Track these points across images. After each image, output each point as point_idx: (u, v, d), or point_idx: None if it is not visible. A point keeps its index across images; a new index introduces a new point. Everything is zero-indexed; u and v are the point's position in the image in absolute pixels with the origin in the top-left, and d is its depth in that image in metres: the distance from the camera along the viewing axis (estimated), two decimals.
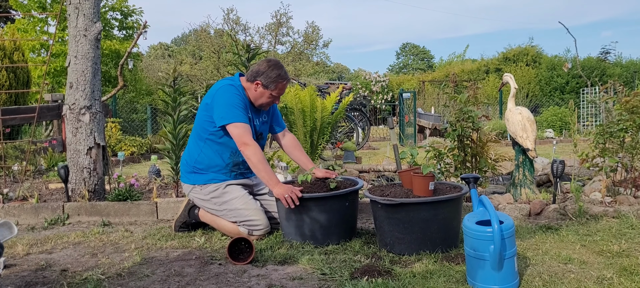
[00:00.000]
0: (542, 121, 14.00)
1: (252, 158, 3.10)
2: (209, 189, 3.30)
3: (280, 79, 3.21)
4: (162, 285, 2.46)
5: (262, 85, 3.21)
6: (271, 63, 3.24)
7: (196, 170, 3.33)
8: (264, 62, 3.27)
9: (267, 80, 3.20)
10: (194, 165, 3.34)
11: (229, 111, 3.14)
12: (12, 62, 9.48)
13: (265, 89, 3.22)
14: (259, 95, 3.25)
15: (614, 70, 19.61)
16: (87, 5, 4.23)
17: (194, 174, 3.34)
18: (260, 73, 3.21)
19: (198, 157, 3.32)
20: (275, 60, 3.30)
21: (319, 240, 3.03)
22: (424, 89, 20.58)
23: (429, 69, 39.57)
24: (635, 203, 3.60)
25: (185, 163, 3.41)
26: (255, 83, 3.22)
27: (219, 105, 3.17)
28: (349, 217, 3.16)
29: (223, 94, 3.19)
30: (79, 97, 4.22)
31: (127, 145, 9.29)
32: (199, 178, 3.32)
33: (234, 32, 21.07)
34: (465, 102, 4.10)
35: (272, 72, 3.20)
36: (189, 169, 3.37)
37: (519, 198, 3.93)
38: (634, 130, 3.94)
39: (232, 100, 3.16)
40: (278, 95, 3.27)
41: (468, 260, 2.31)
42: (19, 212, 4.00)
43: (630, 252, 2.69)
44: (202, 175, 3.31)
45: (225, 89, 3.20)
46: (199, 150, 3.32)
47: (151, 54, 30.91)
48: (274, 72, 3.20)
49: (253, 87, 3.24)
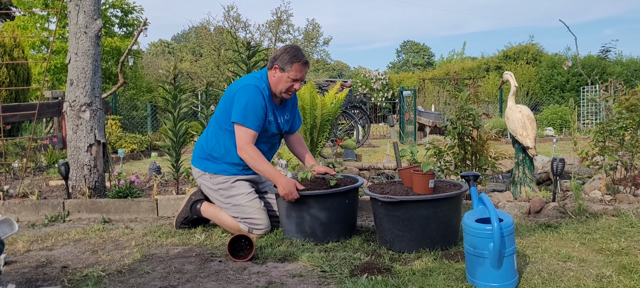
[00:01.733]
0: (543, 119, 14.01)
1: (249, 161, 3.16)
2: (218, 180, 3.31)
3: (295, 59, 3.19)
4: (163, 282, 2.46)
5: (279, 69, 3.20)
6: (287, 47, 3.26)
7: (210, 158, 3.33)
8: (281, 47, 3.30)
9: (283, 62, 3.19)
10: (210, 152, 3.33)
11: (243, 112, 3.15)
12: (12, 59, 9.48)
13: (283, 72, 3.20)
14: (278, 80, 3.23)
15: (615, 68, 19.61)
16: (87, 3, 4.23)
17: (207, 161, 3.35)
18: (277, 57, 3.22)
19: (215, 146, 3.32)
20: (293, 45, 3.34)
21: (319, 238, 3.04)
22: (425, 87, 20.58)
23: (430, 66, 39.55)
24: (634, 202, 3.61)
25: (201, 148, 3.40)
26: (273, 68, 3.23)
27: (238, 103, 3.18)
28: (349, 214, 3.16)
29: (246, 94, 3.19)
30: (79, 94, 4.23)
31: (128, 142, 9.30)
32: (212, 166, 3.32)
33: (235, 30, 21.06)
34: (466, 100, 4.10)
35: (287, 54, 3.20)
36: (204, 155, 3.37)
37: (519, 196, 3.93)
38: (634, 129, 3.94)
39: (251, 103, 3.16)
40: (297, 78, 3.22)
41: (468, 257, 2.31)
42: (19, 208, 4.00)
43: (629, 250, 2.70)
44: (215, 164, 3.31)
45: (249, 89, 3.20)
46: (216, 139, 3.32)
47: (151, 51, 30.91)
48: (289, 54, 3.20)
49: (272, 73, 3.25)
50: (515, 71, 19.70)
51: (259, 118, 3.18)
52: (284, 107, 3.41)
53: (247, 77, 3.33)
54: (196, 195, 3.49)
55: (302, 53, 3.27)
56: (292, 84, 3.23)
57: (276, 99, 3.34)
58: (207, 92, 4.60)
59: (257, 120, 3.17)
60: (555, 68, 19.73)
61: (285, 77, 3.21)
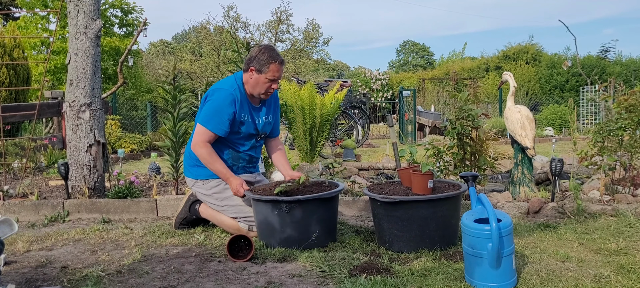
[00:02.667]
0: (542, 119, 14.01)
1: (202, 159, 3.21)
2: (211, 184, 3.31)
3: (271, 60, 3.17)
4: (162, 282, 2.47)
5: (256, 71, 3.19)
6: (262, 47, 3.23)
7: (198, 163, 3.33)
8: (255, 48, 3.27)
9: (259, 64, 3.17)
10: (197, 159, 3.34)
11: (207, 114, 3.19)
12: (12, 59, 9.48)
13: (260, 74, 3.19)
14: (255, 82, 3.22)
15: (614, 68, 19.60)
16: (87, 3, 4.23)
17: (197, 168, 3.35)
18: (252, 59, 3.20)
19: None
20: (267, 44, 3.29)
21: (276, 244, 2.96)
22: (424, 87, 20.59)
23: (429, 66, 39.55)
24: (633, 202, 3.62)
25: (188, 156, 3.41)
26: (250, 70, 3.21)
27: (207, 105, 3.22)
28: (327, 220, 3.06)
29: (212, 96, 3.23)
30: (79, 95, 4.23)
31: (127, 142, 9.30)
32: (201, 172, 3.33)
33: (234, 30, 21.07)
34: (465, 100, 4.11)
35: (263, 55, 3.18)
36: (192, 163, 3.38)
37: (518, 196, 3.94)
38: (632, 129, 3.94)
39: (216, 106, 3.19)
40: (274, 79, 3.21)
41: (466, 257, 2.32)
42: (19, 209, 4.01)
43: (628, 250, 2.70)
44: (204, 169, 3.31)
45: (217, 94, 3.22)
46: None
47: (151, 51, 30.91)
48: (265, 55, 3.18)
49: (248, 75, 3.23)
50: (514, 71, 19.69)
51: (222, 122, 3.19)
52: (262, 107, 3.39)
53: (221, 82, 3.33)
54: (195, 195, 3.50)
55: (278, 52, 3.26)
56: (270, 85, 3.22)
57: (254, 100, 3.33)
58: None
59: (220, 124, 3.19)
60: (555, 68, 19.73)
61: (263, 79, 3.20)
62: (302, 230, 2.91)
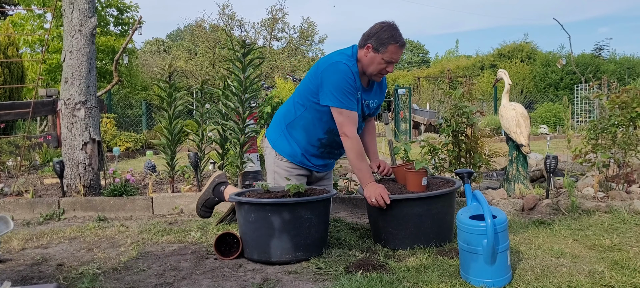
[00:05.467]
0: (537, 117, 14.07)
1: (349, 153, 2.91)
2: (281, 164, 3.13)
3: (392, 40, 2.88)
4: (158, 279, 2.47)
5: (373, 49, 2.90)
6: (384, 24, 2.93)
7: (286, 134, 3.12)
8: (377, 23, 2.96)
9: (378, 42, 2.89)
10: (287, 126, 3.13)
11: (336, 95, 2.87)
12: (7, 57, 9.44)
13: (376, 53, 2.90)
14: (370, 61, 2.92)
15: (608, 66, 19.70)
16: (82, 1, 4.22)
17: (282, 137, 3.14)
18: (372, 35, 2.92)
19: (294, 120, 3.10)
20: (389, 23, 2.96)
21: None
22: (419, 85, 20.63)
23: (424, 64, 39.62)
24: (627, 198, 3.64)
25: (279, 120, 3.19)
26: (366, 47, 2.92)
27: (327, 84, 2.89)
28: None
29: (333, 73, 2.89)
30: (74, 93, 4.22)
31: (123, 140, 9.28)
32: (284, 145, 3.12)
33: (230, 28, 21.04)
34: (460, 97, 4.13)
35: (384, 32, 2.89)
36: (282, 127, 3.15)
37: (513, 193, 3.96)
38: (626, 126, 3.97)
39: (341, 84, 2.86)
40: (391, 61, 2.91)
41: (461, 254, 2.33)
42: (14, 207, 4.00)
43: (621, 246, 2.73)
44: (287, 144, 3.11)
45: (336, 68, 2.89)
46: (296, 114, 3.09)
47: (146, 49, 30.83)
48: (386, 33, 2.89)
49: (364, 52, 2.93)
50: (509, 69, 19.76)
51: (353, 95, 2.90)
52: (370, 89, 3.10)
53: (335, 54, 3.01)
54: (220, 177, 3.32)
55: (400, 33, 2.94)
56: (385, 66, 2.93)
57: (364, 80, 3.03)
58: (203, 90, 4.60)
59: (353, 96, 2.90)
60: (550, 66, 19.81)
61: (379, 58, 2.90)
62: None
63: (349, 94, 2.89)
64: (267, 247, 2.64)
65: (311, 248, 2.70)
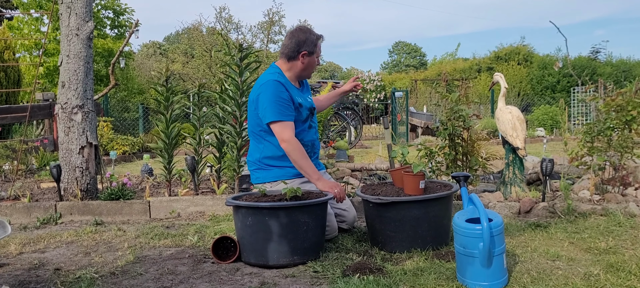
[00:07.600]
0: (534, 120, 14.11)
1: (291, 154, 3.06)
2: (279, 185, 3.15)
3: (316, 38, 3.21)
4: (156, 283, 2.47)
5: (309, 54, 3.18)
6: (304, 29, 3.24)
7: (262, 166, 3.24)
8: (296, 32, 3.23)
9: (310, 46, 3.17)
10: (260, 161, 3.24)
11: (272, 108, 3.06)
12: (3, 61, 9.43)
13: (312, 55, 3.20)
14: (308, 64, 3.22)
15: (605, 69, 19.78)
16: (79, 5, 4.23)
17: (261, 171, 3.25)
18: (301, 44, 3.17)
19: (263, 150, 3.23)
20: (302, 27, 3.33)
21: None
22: (417, 88, 20.66)
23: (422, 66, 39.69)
24: (623, 201, 3.66)
25: (252, 162, 3.32)
26: (301, 56, 3.18)
27: (263, 101, 3.09)
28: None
29: (266, 90, 3.10)
30: (71, 96, 4.22)
31: (119, 144, 9.27)
32: (267, 175, 3.23)
33: (226, 31, 21.05)
34: (457, 100, 4.14)
35: (309, 36, 3.18)
36: (256, 167, 3.28)
37: (509, 196, 3.97)
38: (621, 129, 3.98)
39: (275, 97, 3.07)
40: (318, 55, 3.27)
41: (458, 257, 2.34)
42: (11, 211, 3.99)
43: (617, 249, 2.74)
44: (269, 171, 3.22)
45: (268, 85, 3.10)
46: (259, 146, 3.24)
47: (143, 52, 30.80)
48: (310, 35, 3.19)
49: (299, 61, 3.19)
50: (506, 72, 19.83)
51: (288, 103, 3.09)
52: (302, 89, 3.35)
53: (261, 78, 3.24)
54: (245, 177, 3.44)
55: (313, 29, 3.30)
56: (316, 62, 3.27)
57: (295, 83, 3.28)
58: (199, 94, 4.60)
59: (287, 105, 3.09)
60: (546, 69, 19.88)
61: (314, 59, 3.22)
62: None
63: (285, 104, 3.09)
64: (264, 250, 2.65)
65: (308, 252, 2.71)
